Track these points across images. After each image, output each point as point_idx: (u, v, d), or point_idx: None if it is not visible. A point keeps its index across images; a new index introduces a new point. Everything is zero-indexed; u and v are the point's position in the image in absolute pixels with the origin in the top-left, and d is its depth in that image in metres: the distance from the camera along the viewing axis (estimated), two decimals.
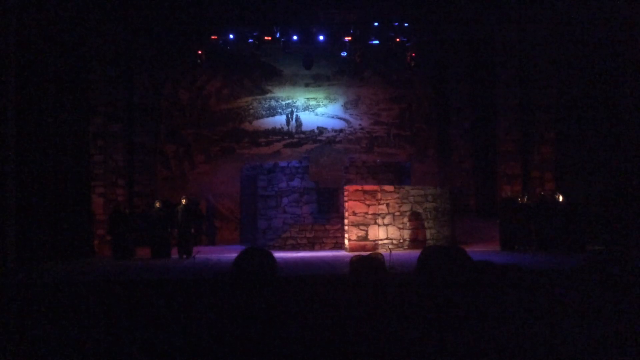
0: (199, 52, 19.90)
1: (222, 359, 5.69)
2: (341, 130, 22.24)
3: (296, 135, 22.15)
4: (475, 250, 16.03)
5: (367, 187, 17.27)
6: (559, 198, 16.18)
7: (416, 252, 10.99)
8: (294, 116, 22.11)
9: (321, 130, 22.20)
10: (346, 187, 17.50)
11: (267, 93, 22.12)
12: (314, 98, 22.19)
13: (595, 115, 18.10)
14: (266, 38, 19.31)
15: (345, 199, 17.41)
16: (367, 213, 16.95)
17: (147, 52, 20.91)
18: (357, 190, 17.10)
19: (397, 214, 17.16)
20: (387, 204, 17.11)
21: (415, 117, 22.47)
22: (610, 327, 6.73)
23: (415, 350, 5.85)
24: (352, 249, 16.67)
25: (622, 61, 17.36)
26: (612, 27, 17.07)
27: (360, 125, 22.31)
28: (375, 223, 16.95)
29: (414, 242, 17.22)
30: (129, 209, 17.34)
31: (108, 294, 9.54)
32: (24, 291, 9.91)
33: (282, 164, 18.97)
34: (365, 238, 16.86)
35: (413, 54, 20.35)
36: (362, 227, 16.92)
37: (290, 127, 22.11)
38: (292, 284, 9.52)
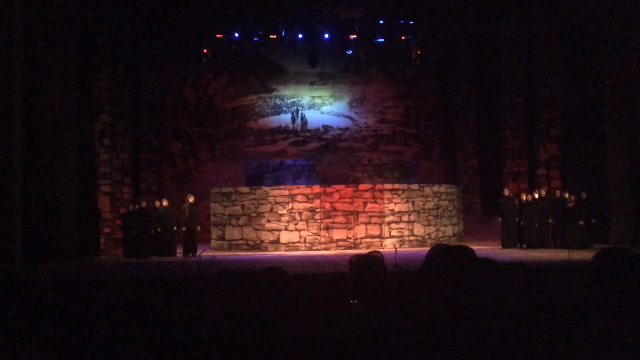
0: (205, 50, 19.93)
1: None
2: (347, 129, 22.19)
3: (301, 134, 22.12)
4: (474, 249, 15.95)
5: (225, 189, 17.37)
6: (564, 195, 16.12)
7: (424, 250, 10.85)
8: (299, 114, 22.09)
9: (326, 128, 22.17)
10: (211, 189, 17.68)
11: (273, 91, 22.11)
12: (319, 96, 22.16)
13: (602, 111, 17.99)
14: (271, 36, 19.32)
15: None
16: (223, 214, 17.08)
17: (153, 50, 20.95)
18: (216, 192, 17.33)
19: (253, 215, 16.88)
20: (242, 205, 16.92)
21: (421, 115, 22.41)
22: (613, 326, 6.71)
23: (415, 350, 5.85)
24: (213, 249, 17.06)
25: (628, 57, 17.25)
26: (618, 23, 16.97)
27: (365, 123, 22.27)
28: (230, 224, 17.01)
29: (274, 243, 16.69)
30: (139, 206, 17.35)
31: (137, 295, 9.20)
32: (30, 290, 9.93)
33: (289, 162, 18.98)
34: (223, 238, 17.07)
35: (418, 52, 20.32)
36: (220, 228, 17.14)
37: (295, 125, 22.07)
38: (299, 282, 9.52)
